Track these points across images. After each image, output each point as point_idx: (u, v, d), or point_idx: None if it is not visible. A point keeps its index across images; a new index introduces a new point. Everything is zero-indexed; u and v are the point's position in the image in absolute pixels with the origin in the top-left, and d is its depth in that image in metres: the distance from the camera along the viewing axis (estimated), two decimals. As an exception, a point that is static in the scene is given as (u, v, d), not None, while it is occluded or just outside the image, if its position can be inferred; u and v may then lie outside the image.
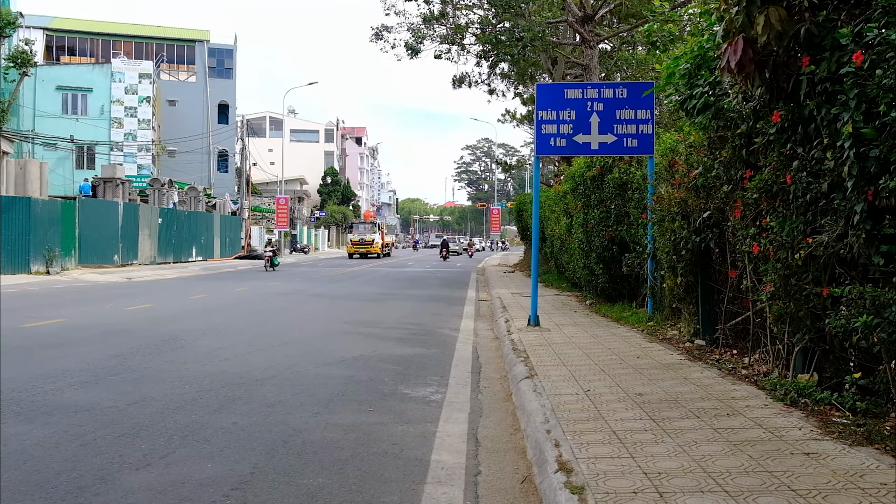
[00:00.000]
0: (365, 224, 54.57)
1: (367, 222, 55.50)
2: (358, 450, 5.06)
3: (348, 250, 50.95)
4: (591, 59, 21.20)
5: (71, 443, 5.12)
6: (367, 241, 49.71)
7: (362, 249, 49.61)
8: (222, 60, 60.53)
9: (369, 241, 49.80)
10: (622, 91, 10.94)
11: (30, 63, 31.91)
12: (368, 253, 49.63)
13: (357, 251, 49.67)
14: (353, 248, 49.83)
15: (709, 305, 8.61)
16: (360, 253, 49.62)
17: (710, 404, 5.66)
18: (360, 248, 49.65)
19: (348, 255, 50.43)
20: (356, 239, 50.14)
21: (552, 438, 4.83)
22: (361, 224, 54.95)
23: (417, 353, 9.51)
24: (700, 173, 8.04)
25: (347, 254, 51.06)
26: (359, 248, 49.67)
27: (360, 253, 49.62)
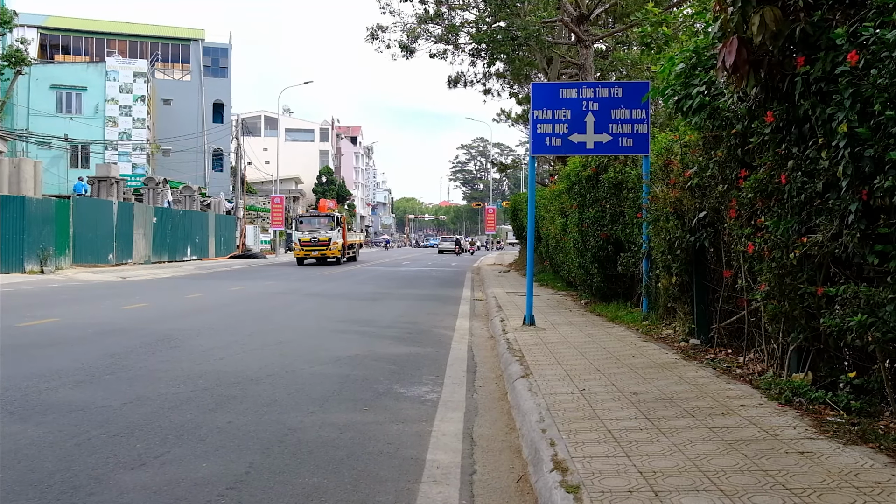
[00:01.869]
0: (318, 218, 39.76)
1: (321, 215, 40.21)
2: (353, 449, 5.05)
3: (296, 254, 38.86)
4: (587, 59, 21.22)
5: (65, 442, 5.10)
6: (322, 240, 37.99)
7: (315, 252, 37.93)
8: (217, 59, 60.43)
9: (324, 242, 38.02)
10: (617, 90, 10.95)
11: (24, 62, 31.77)
12: (325, 257, 38.07)
13: (308, 254, 37.97)
14: (303, 251, 38.01)
15: (704, 305, 8.63)
16: (312, 257, 38.15)
17: (705, 403, 5.67)
18: (312, 250, 37.94)
19: (297, 260, 38.80)
20: (306, 238, 38.19)
21: (547, 437, 4.83)
22: (313, 218, 40.01)
23: (413, 353, 9.51)
24: (695, 173, 8.06)
25: (296, 259, 39.15)
26: (310, 251, 37.95)
27: (312, 257, 38.15)
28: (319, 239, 37.98)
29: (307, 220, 39.85)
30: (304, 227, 38.98)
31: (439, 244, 77.52)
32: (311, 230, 38.44)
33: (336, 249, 38.08)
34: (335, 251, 38.03)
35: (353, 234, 45.41)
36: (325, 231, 38.31)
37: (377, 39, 26.90)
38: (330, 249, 37.80)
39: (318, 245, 37.91)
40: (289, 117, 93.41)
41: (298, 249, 38.30)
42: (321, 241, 37.96)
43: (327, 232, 38.28)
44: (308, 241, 37.89)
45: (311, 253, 37.77)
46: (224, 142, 58.19)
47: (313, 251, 37.81)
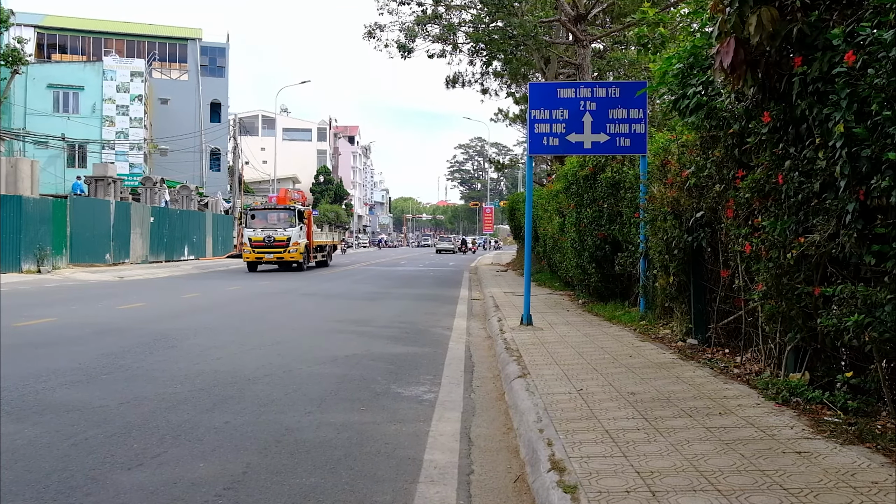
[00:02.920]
0: (276, 212, 31.46)
1: (278, 208, 31.99)
2: (350, 449, 5.05)
3: (245, 258, 31.05)
4: (584, 59, 21.22)
5: (62, 442, 5.09)
6: (279, 240, 29.85)
7: (270, 255, 30.06)
8: (214, 59, 60.39)
9: (282, 242, 29.89)
10: (615, 90, 10.96)
11: (21, 61, 31.73)
12: (283, 261, 30.31)
13: (262, 258, 30.18)
14: (254, 254, 30.21)
15: (701, 304, 8.64)
16: (266, 262, 30.44)
17: (703, 403, 5.67)
18: (267, 252, 30.06)
19: (247, 265, 31.13)
20: (258, 238, 30.01)
21: (545, 437, 4.83)
22: (269, 211, 31.78)
23: (410, 352, 9.51)
24: (692, 173, 8.07)
25: (246, 264, 31.36)
26: (263, 254, 30.10)
27: (266, 262, 30.44)
28: (276, 238, 29.77)
29: (261, 213, 31.63)
30: (257, 223, 30.70)
31: (437, 244, 77.38)
32: (266, 227, 30.42)
33: (297, 252, 30.20)
34: (296, 254, 30.14)
35: (320, 233, 36.55)
36: (284, 228, 30.10)
37: (375, 38, 26.88)
38: (289, 252, 29.86)
39: (273, 246, 29.84)
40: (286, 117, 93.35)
41: (248, 252, 30.24)
42: (278, 242, 29.85)
43: (286, 229, 30.06)
44: (261, 240, 29.85)
45: (264, 256, 30.00)
46: (221, 141, 58.16)
47: (268, 253, 29.94)
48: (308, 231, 32.26)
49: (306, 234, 31.91)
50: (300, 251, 30.63)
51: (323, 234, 37.32)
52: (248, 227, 31.11)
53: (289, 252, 30.10)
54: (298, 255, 30.49)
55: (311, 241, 32.67)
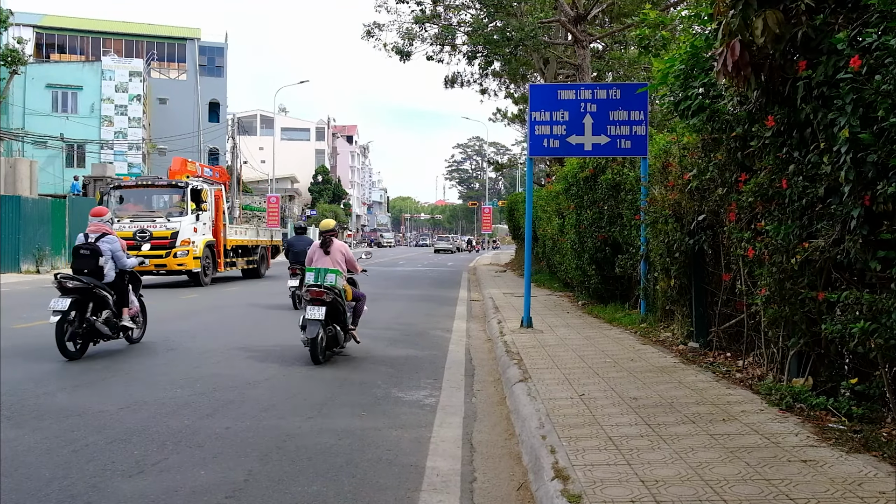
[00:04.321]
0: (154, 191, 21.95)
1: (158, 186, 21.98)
2: (352, 456, 5.01)
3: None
4: (584, 59, 21.19)
5: (62, 449, 5.06)
6: (158, 237, 20.34)
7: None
8: (213, 59, 60.27)
9: (162, 239, 20.37)
10: (615, 92, 10.93)
11: (20, 61, 31.64)
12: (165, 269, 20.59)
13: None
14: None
15: (702, 308, 8.60)
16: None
17: (706, 409, 5.64)
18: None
19: None
20: (124, 233, 19.04)
21: (548, 444, 4.80)
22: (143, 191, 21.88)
23: (410, 355, 9.47)
24: (694, 175, 8.04)
25: None
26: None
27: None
28: (153, 234, 20.22)
29: (132, 194, 21.48)
30: (126, 210, 20.91)
31: (435, 244, 77.28)
32: (140, 215, 20.81)
33: (189, 256, 20.42)
34: (186, 259, 20.38)
35: (246, 229, 26.19)
36: (167, 219, 20.55)
37: (373, 37, 26.86)
38: (174, 256, 20.19)
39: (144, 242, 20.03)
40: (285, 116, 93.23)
41: None
42: (157, 239, 20.20)
43: (169, 220, 20.47)
44: (129, 237, 19.40)
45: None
46: (220, 141, 58.07)
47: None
48: (217, 223, 22.20)
49: (213, 227, 22.05)
50: (194, 254, 20.57)
51: (250, 230, 26.34)
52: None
53: (173, 255, 20.15)
54: (191, 260, 20.44)
55: (221, 238, 22.40)
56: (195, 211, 21.28)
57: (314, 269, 8.97)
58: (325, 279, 8.80)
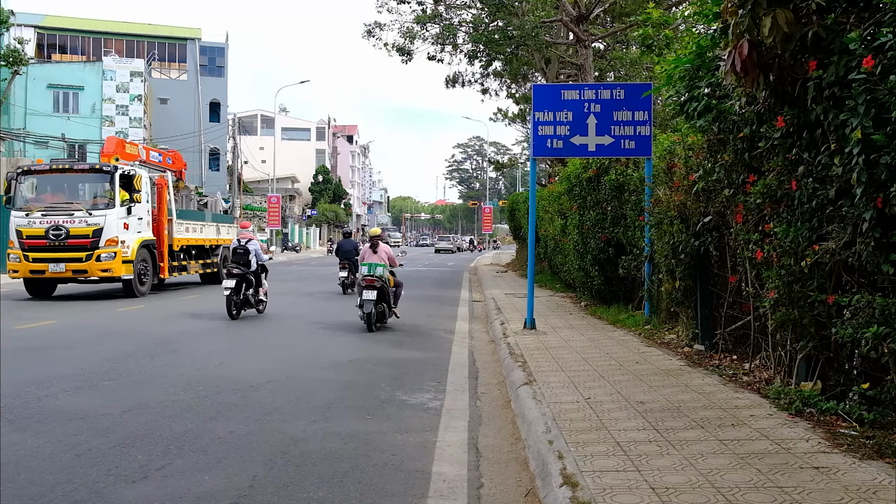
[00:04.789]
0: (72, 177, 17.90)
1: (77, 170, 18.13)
2: (357, 461, 4.96)
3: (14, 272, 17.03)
4: (586, 59, 21.14)
5: (65, 453, 5.00)
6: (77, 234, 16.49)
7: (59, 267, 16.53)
8: (214, 59, 60.21)
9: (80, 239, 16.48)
10: (619, 92, 10.87)
11: (21, 61, 31.59)
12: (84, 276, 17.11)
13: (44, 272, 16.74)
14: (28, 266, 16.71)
15: (708, 310, 8.54)
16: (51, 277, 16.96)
17: (714, 413, 5.59)
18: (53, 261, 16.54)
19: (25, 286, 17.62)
20: (36, 231, 16.50)
21: (555, 450, 4.74)
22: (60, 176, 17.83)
23: (413, 357, 9.42)
24: (700, 176, 7.97)
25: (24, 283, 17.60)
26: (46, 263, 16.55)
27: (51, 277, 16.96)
28: (70, 232, 16.53)
29: (48, 181, 17.86)
30: (40, 201, 17.35)
31: (436, 244, 77.23)
32: (52, 208, 16.94)
33: (118, 261, 16.59)
34: (113, 264, 16.53)
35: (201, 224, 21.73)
36: (88, 212, 16.65)
37: (374, 37, 26.80)
38: (97, 259, 16.40)
39: (64, 247, 16.52)
40: (285, 116, 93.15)
41: (17, 259, 16.74)
42: (73, 239, 16.54)
43: (91, 214, 16.61)
44: (41, 236, 16.51)
45: (47, 269, 16.55)
46: (221, 141, 58.02)
47: (54, 262, 16.51)
48: (159, 217, 18.63)
49: (153, 223, 18.40)
50: (124, 257, 16.63)
51: (208, 227, 22.23)
52: (16, 210, 16.88)
53: (96, 259, 16.31)
54: (119, 264, 16.51)
55: (164, 236, 18.69)
56: (126, 202, 17.05)
57: (367, 264, 11.88)
58: (375, 271, 11.71)
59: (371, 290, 11.52)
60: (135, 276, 17.30)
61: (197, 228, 21.46)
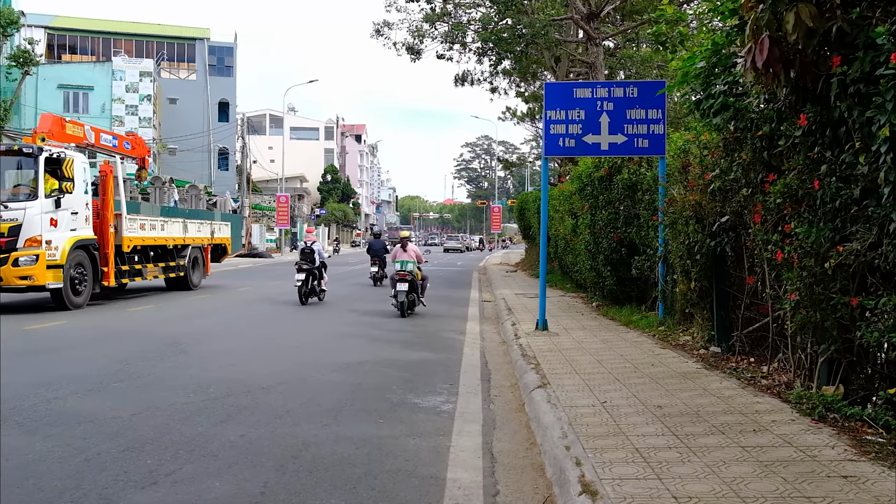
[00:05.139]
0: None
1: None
2: (370, 466, 4.85)
3: None
4: (597, 57, 20.98)
5: (74, 457, 4.92)
6: None
7: None
8: (222, 58, 60.25)
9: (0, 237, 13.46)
10: (633, 90, 10.73)
11: (32, 62, 31.64)
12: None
13: None
14: None
15: (724, 311, 8.40)
16: None
17: (734, 418, 5.46)
18: None
19: None
20: None
21: (572, 456, 4.63)
22: None
23: (424, 358, 9.32)
24: (716, 176, 7.84)
25: None
26: None
27: None
28: None
29: None
30: None
31: (445, 243, 77.17)
32: None
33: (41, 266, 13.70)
34: (36, 269, 13.66)
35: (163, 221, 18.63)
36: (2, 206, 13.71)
37: (383, 36, 26.72)
38: (16, 264, 13.55)
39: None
40: (294, 116, 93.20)
41: None
42: None
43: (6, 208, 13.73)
44: None
45: None
46: (229, 141, 58.07)
47: None
48: (104, 211, 15.67)
49: (96, 219, 15.55)
50: (49, 261, 13.75)
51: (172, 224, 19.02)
52: None
53: (14, 264, 13.48)
54: (43, 270, 13.64)
55: (110, 234, 15.61)
56: (54, 193, 14.02)
57: (399, 261, 14.22)
58: (406, 267, 14.03)
59: (403, 282, 13.79)
60: (66, 284, 14.06)
61: (156, 225, 18.12)
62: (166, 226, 18.79)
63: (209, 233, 22.00)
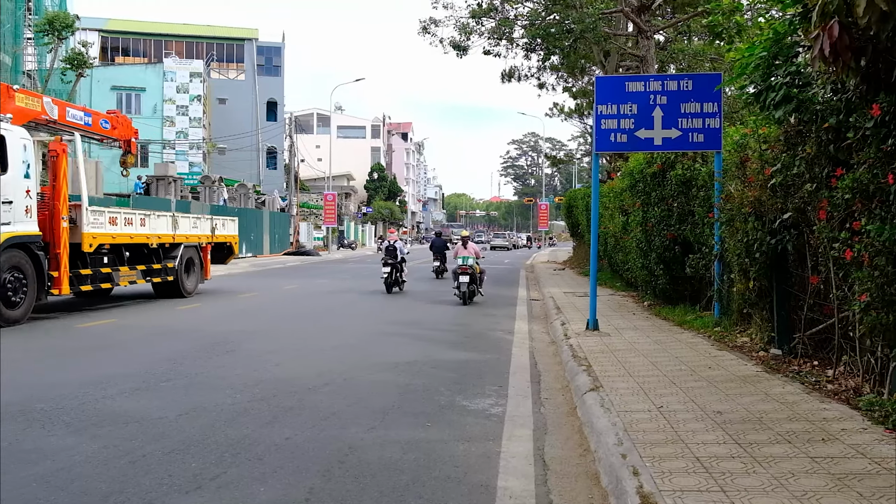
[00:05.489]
0: None
1: None
2: (418, 473, 4.70)
3: None
4: (648, 50, 20.53)
5: (120, 459, 4.88)
6: None
7: None
8: (270, 58, 60.99)
9: None
10: (687, 83, 10.38)
11: (85, 64, 32.37)
12: None
13: None
14: None
15: (785, 312, 8.05)
16: None
17: (800, 426, 5.17)
18: None
19: None
20: None
21: (629, 465, 4.41)
22: None
23: (472, 359, 9.16)
24: (778, 171, 7.49)
25: None
26: None
27: None
28: None
29: None
30: None
31: (491, 240, 76.92)
32: None
33: None
34: None
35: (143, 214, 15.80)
36: None
37: (429, 33, 26.58)
38: None
39: None
40: (341, 114, 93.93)
41: None
42: None
43: None
44: None
45: None
46: (278, 140, 58.74)
47: None
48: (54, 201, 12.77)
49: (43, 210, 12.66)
50: None
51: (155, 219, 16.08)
52: None
53: None
54: None
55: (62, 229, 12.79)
56: None
57: (462, 257, 16.25)
58: (467, 262, 16.09)
59: (465, 275, 15.92)
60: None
61: (133, 220, 15.03)
62: (148, 220, 15.64)
63: (208, 229, 18.49)
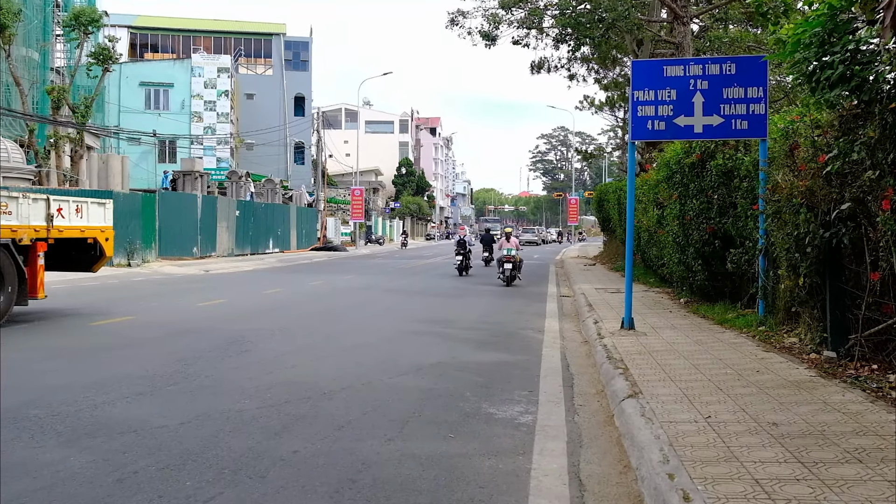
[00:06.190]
0: None
1: None
2: (438, 494, 4.19)
3: None
4: (684, 37, 19.75)
5: (108, 476, 4.42)
6: None
7: None
8: (298, 53, 60.86)
9: None
10: (730, 66, 9.71)
11: (111, 59, 32.32)
12: None
13: None
14: None
15: (839, 311, 7.38)
16: None
17: (871, 442, 4.57)
18: None
19: None
20: None
21: (678, 487, 3.86)
22: None
23: (500, 360, 8.63)
24: (834, 157, 6.85)
25: None
26: None
27: None
28: None
29: None
30: None
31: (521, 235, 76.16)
32: None
33: None
34: None
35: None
36: None
37: (458, 25, 26.02)
38: None
39: None
40: (368, 109, 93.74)
41: None
42: None
43: None
44: None
45: None
46: (305, 135, 58.62)
47: None
48: None
49: None
50: None
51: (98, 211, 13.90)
52: None
53: None
54: None
55: None
56: None
57: (507, 249, 19.96)
58: (511, 252, 19.82)
59: (509, 263, 19.70)
60: None
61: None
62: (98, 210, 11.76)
63: (41, 218, 11.54)
